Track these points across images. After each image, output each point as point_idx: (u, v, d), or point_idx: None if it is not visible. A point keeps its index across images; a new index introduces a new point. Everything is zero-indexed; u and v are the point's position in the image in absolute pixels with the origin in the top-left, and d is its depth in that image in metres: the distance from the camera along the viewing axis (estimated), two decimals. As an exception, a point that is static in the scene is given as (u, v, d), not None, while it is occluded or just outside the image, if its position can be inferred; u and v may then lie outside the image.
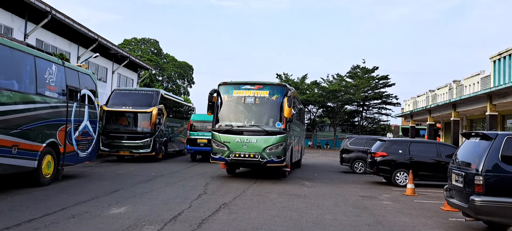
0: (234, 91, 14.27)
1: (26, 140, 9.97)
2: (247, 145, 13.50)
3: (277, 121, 13.82)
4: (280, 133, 13.61)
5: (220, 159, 13.82)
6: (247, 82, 14.32)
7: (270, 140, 13.48)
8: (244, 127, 13.87)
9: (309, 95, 54.66)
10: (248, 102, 14.13)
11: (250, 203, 9.44)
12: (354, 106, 59.49)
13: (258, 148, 13.45)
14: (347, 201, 10.56)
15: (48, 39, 23.61)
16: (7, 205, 8.20)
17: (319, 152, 45.68)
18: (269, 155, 13.44)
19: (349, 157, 19.54)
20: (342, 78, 58.07)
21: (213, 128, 14.13)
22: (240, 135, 13.65)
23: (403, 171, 14.15)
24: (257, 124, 13.84)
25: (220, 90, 14.44)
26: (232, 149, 13.61)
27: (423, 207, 10.16)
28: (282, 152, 13.59)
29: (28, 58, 10.32)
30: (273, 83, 14.56)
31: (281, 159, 13.59)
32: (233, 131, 13.79)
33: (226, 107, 14.36)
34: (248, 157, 13.47)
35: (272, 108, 14.11)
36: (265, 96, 14.09)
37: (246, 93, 14.12)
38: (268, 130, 13.62)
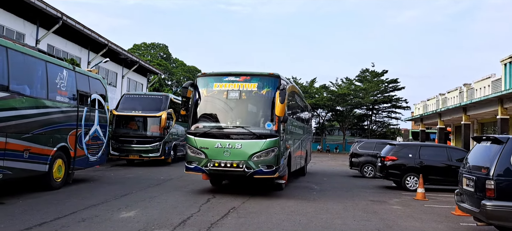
0: (214, 85, 11.47)
1: (37, 144, 10.08)
2: (229, 152, 10.77)
3: (268, 120, 11.07)
4: (272, 135, 10.84)
5: (196, 168, 11.07)
6: (231, 73, 11.55)
7: (258, 145, 10.74)
8: (225, 129, 11.16)
9: (318, 99, 54.55)
10: (231, 98, 11.34)
11: (259, 207, 9.44)
12: (363, 110, 59.25)
13: (243, 155, 10.73)
14: (357, 205, 10.50)
15: (59, 45, 23.88)
16: (18, 208, 8.29)
17: (328, 156, 45.52)
18: (256, 164, 10.70)
19: (359, 161, 19.44)
20: (351, 82, 57.90)
21: (188, 130, 11.51)
22: (221, 138, 10.93)
23: (413, 175, 14.03)
24: (242, 125, 11.12)
25: (198, 83, 11.70)
26: (211, 157, 10.88)
27: (434, 211, 10.06)
28: (274, 160, 10.81)
29: (39, 63, 10.45)
30: (263, 73, 11.49)
31: (272, 169, 10.78)
32: (212, 133, 11.13)
33: (205, 104, 11.59)
34: (230, 166, 10.75)
35: (262, 105, 11.37)
36: (252, 90, 11.26)
37: (230, 87, 11.33)
38: (256, 132, 10.86)
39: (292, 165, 13.76)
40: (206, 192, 11.64)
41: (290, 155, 13.12)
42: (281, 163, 11.30)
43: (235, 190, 12.35)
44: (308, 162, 19.99)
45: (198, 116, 11.55)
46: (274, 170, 10.85)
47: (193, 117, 11.55)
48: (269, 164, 10.80)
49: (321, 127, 61.24)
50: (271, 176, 10.92)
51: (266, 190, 12.25)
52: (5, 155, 8.94)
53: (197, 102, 11.61)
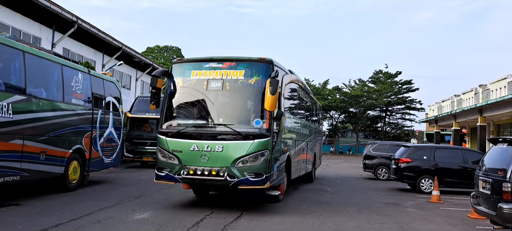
0: (192, 73, 9.42)
1: (53, 146, 10.23)
2: (208, 156, 8.69)
3: (257, 117, 8.94)
4: (261, 135, 8.75)
5: (167, 177, 9.02)
6: (212, 58, 9.48)
7: (244, 147, 8.67)
8: (204, 128, 9.06)
9: (331, 101, 54.35)
10: (212, 89, 9.21)
11: (271, 209, 9.43)
12: (377, 111, 58.86)
13: (225, 159, 8.66)
14: (371, 208, 10.42)
15: (74, 48, 24.23)
16: (35, 209, 8.43)
17: (341, 158, 45.29)
18: (242, 172, 8.61)
19: (372, 163, 19.32)
20: (364, 83, 57.56)
21: (159, 130, 9.43)
22: (198, 139, 8.86)
23: (428, 178, 13.88)
24: (224, 122, 8.99)
25: (174, 71, 9.65)
26: (185, 162, 8.81)
27: (449, 214, 9.94)
28: (263, 166, 8.70)
29: (55, 67, 10.61)
30: (252, 58, 9.36)
31: (261, 178, 8.66)
32: (187, 133, 9.03)
33: (180, 97, 9.52)
34: (209, 174, 8.65)
35: (250, 98, 9.28)
36: (238, 79, 9.16)
37: (210, 75, 9.22)
38: (241, 131, 8.75)
39: (293, 171, 11.73)
40: (219, 194, 11.66)
41: (290, 159, 10.99)
42: (275, 170, 9.21)
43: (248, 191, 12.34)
44: (317, 166, 18.06)
45: (171, 112, 9.51)
46: (263, 178, 8.67)
47: (166, 113, 9.48)
48: (258, 171, 8.66)
49: (334, 128, 60.99)
50: (260, 186, 8.74)
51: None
52: (22, 157, 9.10)
53: (171, 95, 9.53)
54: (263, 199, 10.12)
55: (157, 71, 9.76)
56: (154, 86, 9.47)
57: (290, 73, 11.58)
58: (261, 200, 10.15)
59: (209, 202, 10.20)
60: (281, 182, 10.14)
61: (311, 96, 16.80)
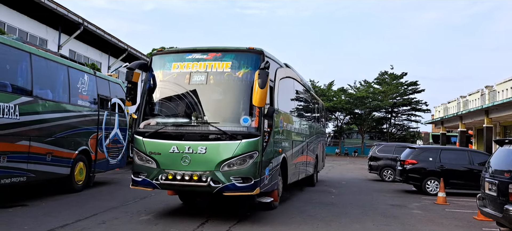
0: (173, 66, 8.49)
1: (59, 147, 10.29)
2: (189, 158, 7.74)
3: (245, 114, 7.92)
4: (250, 135, 7.77)
5: (144, 182, 8.08)
6: (196, 48, 8.58)
7: (230, 149, 7.70)
8: (185, 127, 8.07)
9: (336, 102, 54.25)
10: (196, 83, 8.23)
11: (275, 212, 9.41)
12: (382, 113, 58.68)
13: (208, 162, 7.70)
14: (376, 209, 10.39)
15: (80, 50, 24.36)
16: (41, 210, 8.48)
17: (347, 159, 45.18)
18: (227, 176, 7.64)
19: (378, 165, 19.28)
20: (369, 84, 57.42)
21: (136, 129, 8.44)
22: (179, 140, 7.92)
23: (434, 179, 13.82)
24: (208, 120, 7.97)
25: (153, 64, 8.74)
26: (164, 166, 7.87)
27: (455, 216, 9.89)
28: (252, 170, 7.73)
29: (61, 68, 10.68)
30: (240, 48, 8.42)
31: (249, 183, 7.68)
32: (166, 133, 8.07)
33: (159, 92, 8.60)
34: (190, 179, 7.69)
35: (237, 93, 8.26)
36: (225, 72, 8.18)
37: (194, 68, 8.30)
38: (227, 130, 7.78)
39: (290, 175, 10.77)
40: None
41: (286, 161, 10.04)
42: (266, 174, 8.26)
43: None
44: (320, 169, 17.26)
45: (149, 109, 8.60)
46: (252, 184, 7.68)
47: (144, 110, 8.52)
48: (246, 175, 7.68)
49: (339, 130, 60.85)
50: (249, 192, 7.73)
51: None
52: (29, 158, 9.16)
53: (150, 90, 8.61)
54: (256, 207, 9.19)
55: (134, 64, 8.76)
56: (129, 80, 8.57)
57: (286, 67, 10.76)
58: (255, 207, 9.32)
59: (214, 203, 10.20)
60: (274, 188, 9.11)
61: (312, 94, 15.83)
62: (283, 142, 9.83)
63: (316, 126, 15.77)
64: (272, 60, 8.89)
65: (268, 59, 8.43)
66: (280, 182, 9.74)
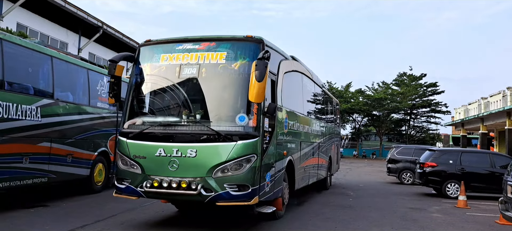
0: (162, 57, 7.54)
1: (79, 149, 10.46)
2: (178, 163, 6.83)
3: (242, 112, 6.95)
4: (247, 136, 6.84)
5: (128, 190, 7.16)
6: (187, 38, 7.67)
7: (223, 152, 6.77)
8: (173, 127, 7.17)
9: (354, 104, 53.84)
10: (186, 77, 7.31)
11: (292, 215, 9.38)
12: (401, 114, 58.01)
13: (199, 167, 6.79)
14: (395, 212, 10.26)
15: (99, 53, 24.77)
16: (62, 210, 8.63)
17: (365, 161, 44.76)
18: (220, 183, 6.71)
19: (396, 167, 19.04)
20: (388, 86, 56.82)
21: (120, 129, 7.63)
22: (166, 141, 7.00)
23: (454, 182, 13.57)
24: (199, 119, 7.10)
25: (141, 56, 7.79)
26: (149, 171, 6.98)
27: (476, 220, 9.69)
28: (249, 176, 6.78)
29: (81, 71, 10.87)
30: (236, 37, 7.48)
31: (246, 191, 6.74)
32: (151, 134, 7.16)
33: (146, 88, 7.70)
34: (178, 187, 6.76)
35: (233, 87, 7.28)
36: (219, 64, 7.23)
37: (184, 60, 7.35)
38: (221, 130, 6.83)
39: (298, 180, 9.87)
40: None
41: (292, 165, 9.14)
42: (267, 180, 7.30)
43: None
44: (334, 172, 16.27)
45: (134, 107, 7.66)
46: (249, 192, 6.72)
47: (129, 108, 7.64)
48: (242, 182, 6.72)
49: (357, 132, 60.37)
50: (245, 202, 6.77)
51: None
52: (50, 160, 9.34)
53: (136, 86, 7.72)
54: (257, 217, 8.17)
55: (117, 56, 7.85)
56: (112, 74, 7.55)
57: (293, 59, 9.79)
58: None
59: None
60: (278, 195, 8.06)
61: (324, 91, 14.51)
62: (288, 143, 8.87)
63: (329, 126, 14.78)
64: (274, 51, 8.01)
65: (270, 49, 7.42)
66: (285, 188, 8.74)
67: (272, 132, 7.56)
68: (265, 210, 7.58)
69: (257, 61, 6.60)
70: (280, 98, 8.12)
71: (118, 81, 7.61)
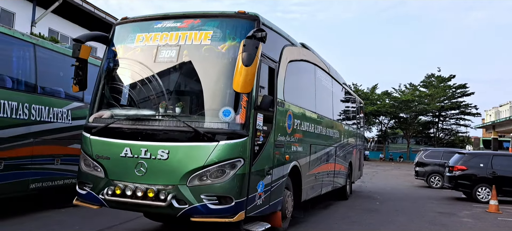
0: (138, 37, 6.32)
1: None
2: (146, 166, 5.67)
3: (227, 104, 5.72)
4: (232, 134, 5.60)
5: (89, 197, 6.06)
6: (168, 15, 6.46)
7: (201, 154, 5.56)
8: (143, 122, 5.91)
9: (380, 106, 53.05)
10: (163, 61, 6.10)
11: (315, 218, 9.31)
12: (429, 117, 56.80)
13: (171, 173, 5.61)
14: (423, 217, 10.06)
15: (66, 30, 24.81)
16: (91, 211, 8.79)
17: (391, 165, 44.05)
18: (196, 194, 5.51)
19: (425, 171, 18.73)
20: (415, 87, 55.76)
21: (85, 123, 6.49)
22: (133, 139, 5.83)
23: (485, 186, 13.21)
24: (175, 114, 5.84)
25: (115, 36, 6.64)
26: (113, 175, 5.86)
27: (509, 225, 9.40)
28: (233, 185, 5.54)
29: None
30: (226, 13, 6.20)
31: (229, 205, 5.51)
32: (117, 130, 6.00)
33: (117, 74, 6.55)
34: (144, 196, 5.60)
35: (219, 74, 5.99)
36: (203, 45, 5.95)
37: (163, 40, 6.13)
38: (199, 127, 5.62)
39: (306, 189, 8.29)
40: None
41: (298, 171, 7.69)
42: (259, 190, 5.96)
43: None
44: (355, 179, 14.53)
45: (103, 97, 6.47)
46: (232, 206, 5.46)
47: (98, 97, 6.48)
48: (223, 193, 5.47)
49: (383, 134, 59.48)
50: (226, 218, 5.49)
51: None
52: (79, 161, 9.57)
53: (107, 71, 6.56)
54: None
55: (84, 35, 6.65)
56: (76, 57, 6.35)
57: (302, 47, 8.41)
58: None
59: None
60: (277, 208, 6.67)
61: (345, 88, 12.81)
62: (293, 145, 7.42)
63: (349, 128, 13.11)
64: (275, 33, 6.75)
65: (269, 30, 6.20)
66: (288, 197, 7.24)
67: (269, 132, 6.28)
68: (256, 228, 6.22)
69: (245, 40, 5.29)
70: (282, 91, 6.77)
71: (84, 65, 6.45)
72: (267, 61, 6.23)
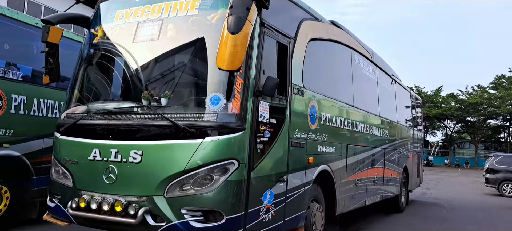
0: (117, 15, 5.15)
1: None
2: (116, 171, 4.41)
3: (216, 90, 4.30)
4: (222, 129, 4.19)
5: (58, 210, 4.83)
6: None
7: (183, 154, 4.20)
8: (115, 116, 4.62)
9: (445, 109, 50.64)
10: (143, 39, 4.83)
11: (379, 225, 8.99)
12: (499, 121, 53.36)
13: (145, 180, 4.30)
14: (496, 226, 9.44)
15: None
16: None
17: (458, 171, 41.82)
18: (176, 207, 4.16)
19: (496, 178, 17.60)
20: (484, 89, 52.55)
21: (58, 120, 5.32)
22: (103, 138, 4.62)
23: None
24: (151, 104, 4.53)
25: (96, 16, 5.43)
26: (80, 184, 4.67)
27: None
28: (223, 196, 4.14)
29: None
30: None
31: (218, 222, 4.13)
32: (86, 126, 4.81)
33: (94, 60, 5.46)
34: (111, 210, 4.31)
35: (206, 52, 4.50)
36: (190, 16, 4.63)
37: (144, 15, 4.92)
38: (179, 119, 4.26)
39: (343, 199, 6.74)
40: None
41: (331, 177, 6.25)
42: (266, 202, 4.64)
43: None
44: (412, 187, 12.43)
45: (78, 88, 5.33)
46: (222, 223, 4.15)
47: (73, 89, 5.34)
48: (210, 206, 4.18)
49: (448, 139, 56.71)
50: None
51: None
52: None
53: (86, 58, 5.43)
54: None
55: (55, 15, 5.56)
56: (45, 40, 5.19)
57: (333, 25, 7.01)
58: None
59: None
60: (296, 225, 5.28)
61: (395, 81, 10.75)
62: (321, 144, 5.98)
63: (403, 126, 11.09)
64: (290, 2, 5.49)
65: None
66: (316, 211, 5.79)
67: (281, 126, 4.91)
68: None
69: (233, 1, 4.05)
70: (301, 76, 5.42)
71: (54, 51, 5.21)
72: (275, 35, 4.87)
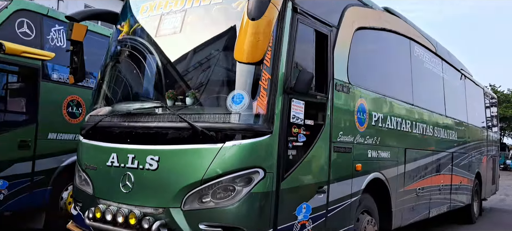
0: (142, 9, 4.71)
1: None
2: (133, 179, 3.96)
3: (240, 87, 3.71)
4: (246, 132, 3.61)
5: (79, 219, 4.45)
6: None
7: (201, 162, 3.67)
8: (132, 117, 4.19)
9: (524, 109, 47.18)
10: (165, 33, 4.42)
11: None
12: None
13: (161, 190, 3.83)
14: None
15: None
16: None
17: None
18: (194, 222, 3.63)
19: None
20: None
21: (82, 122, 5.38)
22: (121, 142, 4.17)
23: None
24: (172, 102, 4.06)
25: (125, 11, 5.02)
26: (99, 191, 4.29)
27: None
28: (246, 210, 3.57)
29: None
30: None
31: None
32: (107, 130, 4.41)
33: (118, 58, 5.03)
34: (125, 223, 3.83)
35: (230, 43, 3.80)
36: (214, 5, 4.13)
37: (167, 7, 4.45)
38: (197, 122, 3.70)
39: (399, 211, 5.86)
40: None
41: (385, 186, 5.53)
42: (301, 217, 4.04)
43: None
44: (486, 195, 10.79)
45: (104, 88, 4.99)
46: None
47: (97, 90, 5.02)
48: (230, 222, 3.62)
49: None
50: None
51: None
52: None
53: (112, 56, 5.07)
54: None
55: (78, 12, 5.06)
56: (69, 39, 4.81)
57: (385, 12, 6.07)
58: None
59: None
60: None
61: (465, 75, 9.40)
62: (371, 149, 5.27)
63: (474, 128, 9.74)
64: None
65: None
66: (367, 225, 5.11)
67: (320, 128, 4.30)
68: None
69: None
70: (346, 70, 4.77)
71: (78, 49, 4.85)
72: (312, 23, 4.23)
